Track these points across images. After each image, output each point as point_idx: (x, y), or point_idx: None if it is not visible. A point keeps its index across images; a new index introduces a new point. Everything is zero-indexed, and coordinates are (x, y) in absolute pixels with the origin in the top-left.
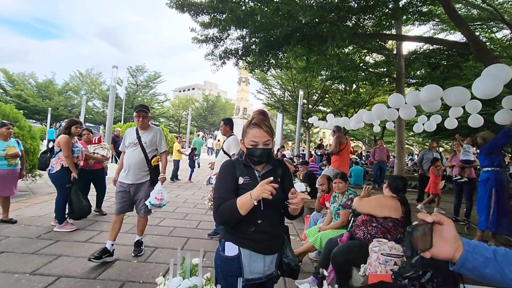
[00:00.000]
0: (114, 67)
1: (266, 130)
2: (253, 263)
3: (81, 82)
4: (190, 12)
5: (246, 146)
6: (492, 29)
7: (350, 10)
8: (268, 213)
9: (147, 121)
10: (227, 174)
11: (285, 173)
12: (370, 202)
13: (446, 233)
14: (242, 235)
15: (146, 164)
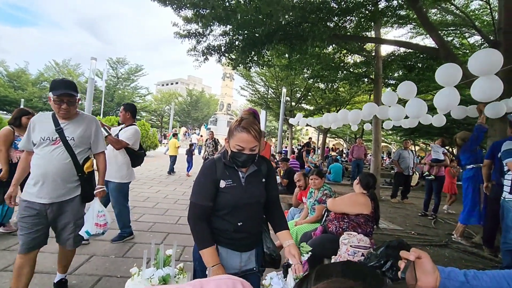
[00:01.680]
0: (93, 58)
1: (254, 135)
2: (229, 259)
3: (58, 73)
4: (173, 6)
5: (231, 148)
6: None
7: (331, 11)
8: (249, 215)
9: (73, 108)
10: (206, 178)
11: (269, 171)
12: (344, 200)
13: (426, 266)
14: (221, 233)
15: (75, 171)
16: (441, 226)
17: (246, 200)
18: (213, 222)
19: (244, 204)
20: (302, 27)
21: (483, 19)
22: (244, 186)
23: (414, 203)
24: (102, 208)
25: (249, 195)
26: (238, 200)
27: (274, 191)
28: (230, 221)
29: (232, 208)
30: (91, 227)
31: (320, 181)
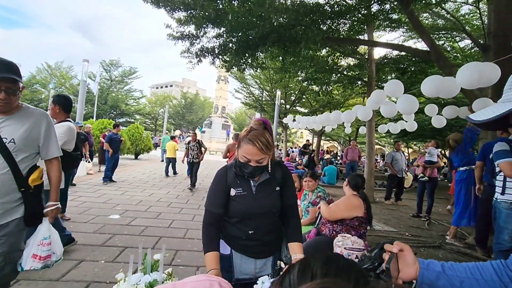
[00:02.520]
0: (85, 60)
1: (259, 148)
2: (244, 264)
3: (50, 75)
4: (166, 8)
5: (239, 158)
6: (455, 38)
7: (324, 14)
8: (261, 223)
9: (15, 99)
10: (217, 186)
11: (285, 178)
12: (339, 206)
13: (408, 258)
14: (235, 240)
15: (16, 184)
16: (435, 228)
17: (257, 209)
18: (227, 229)
19: (255, 213)
20: (295, 30)
21: (473, 24)
22: (255, 195)
23: (408, 205)
24: (49, 234)
25: (259, 204)
26: (249, 209)
27: (290, 200)
28: (242, 229)
29: (242, 216)
30: (28, 260)
31: (314, 183)
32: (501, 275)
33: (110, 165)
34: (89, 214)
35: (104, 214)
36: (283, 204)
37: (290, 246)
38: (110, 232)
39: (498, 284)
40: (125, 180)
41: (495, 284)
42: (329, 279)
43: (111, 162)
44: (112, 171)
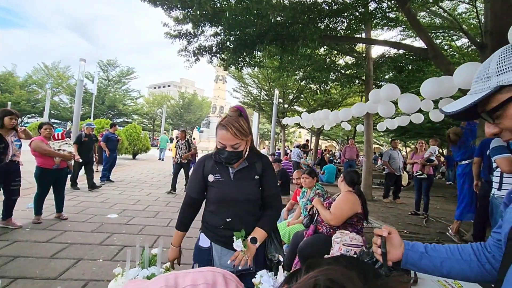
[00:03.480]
0: (82, 60)
1: (233, 133)
2: (223, 257)
3: (47, 75)
4: (163, 6)
5: (216, 144)
6: (453, 37)
7: (321, 12)
8: (238, 211)
9: None
10: (196, 172)
11: (265, 169)
12: (342, 209)
13: (394, 240)
14: (213, 229)
15: None
16: (433, 225)
17: (234, 195)
18: (206, 218)
19: (232, 200)
20: (293, 28)
21: (470, 22)
22: (233, 181)
23: (406, 203)
24: None
25: (237, 191)
26: (226, 195)
27: (270, 190)
28: (219, 217)
29: (219, 202)
30: None
31: (311, 180)
32: (479, 255)
33: (107, 164)
34: (87, 214)
35: (102, 213)
36: (263, 195)
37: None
38: (108, 231)
39: (476, 264)
40: (122, 179)
41: (473, 264)
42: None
43: (108, 161)
44: (109, 170)
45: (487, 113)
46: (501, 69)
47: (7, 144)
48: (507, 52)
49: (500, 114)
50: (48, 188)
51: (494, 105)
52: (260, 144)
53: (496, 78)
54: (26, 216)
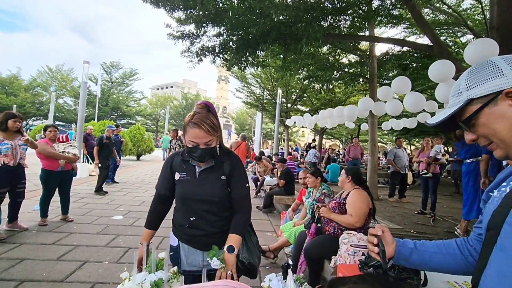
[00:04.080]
0: (86, 62)
1: (206, 130)
2: (191, 256)
3: (51, 78)
4: (166, 7)
5: (186, 143)
6: (457, 34)
7: (325, 11)
8: (202, 211)
9: None
10: (164, 169)
11: (234, 169)
12: (361, 207)
13: (387, 238)
14: (179, 228)
15: None
16: (440, 224)
17: (197, 195)
18: (174, 216)
19: (196, 200)
20: (296, 27)
21: (475, 18)
22: (198, 180)
23: (412, 202)
24: None
25: (201, 190)
26: (189, 193)
27: (238, 193)
28: (184, 216)
29: (183, 200)
30: None
31: (314, 179)
32: (462, 249)
33: (111, 166)
34: (92, 215)
35: (107, 215)
36: (231, 196)
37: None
38: (114, 233)
39: (460, 257)
40: (127, 181)
41: (458, 257)
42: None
43: (112, 163)
44: (114, 172)
45: (463, 123)
46: (469, 85)
47: None
48: (473, 71)
49: (474, 123)
50: (53, 189)
51: (467, 116)
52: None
53: (466, 93)
54: (32, 219)
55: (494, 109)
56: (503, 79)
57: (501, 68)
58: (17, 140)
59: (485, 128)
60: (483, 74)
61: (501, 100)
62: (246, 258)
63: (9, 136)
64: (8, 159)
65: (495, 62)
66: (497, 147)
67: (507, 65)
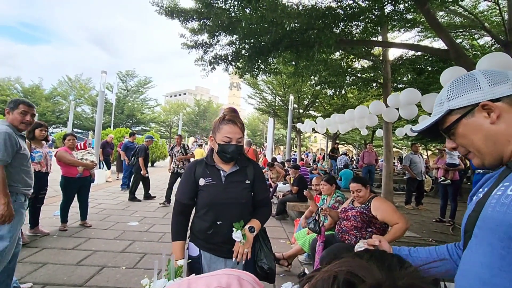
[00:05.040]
0: (103, 72)
1: (240, 127)
2: (213, 264)
3: (70, 87)
4: (180, 18)
5: (218, 142)
6: (474, 36)
7: (336, 17)
8: (228, 214)
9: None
10: (186, 178)
11: (256, 174)
12: (393, 210)
13: (384, 247)
14: (200, 236)
15: None
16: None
17: (225, 198)
18: (195, 224)
19: (223, 203)
20: (308, 34)
21: (493, 20)
22: (224, 185)
23: (429, 209)
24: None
25: (228, 194)
26: (216, 197)
27: (262, 195)
28: (208, 220)
29: (210, 205)
30: None
31: (329, 187)
32: (452, 253)
33: (127, 172)
34: (109, 221)
35: (124, 221)
36: (254, 199)
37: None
38: (130, 238)
39: (449, 261)
40: (142, 187)
41: (447, 262)
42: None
43: (128, 169)
44: (129, 178)
45: (444, 131)
46: (450, 96)
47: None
48: (455, 83)
49: (453, 132)
50: (73, 196)
51: (447, 125)
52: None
53: (447, 104)
54: (53, 224)
55: (471, 120)
56: (480, 92)
57: (479, 81)
58: (45, 148)
59: (463, 138)
60: (462, 86)
61: (478, 112)
62: (266, 264)
63: (37, 144)
64: (40, 166)
65: (474, 75)
66: (474, 156)
67: (485, 79)
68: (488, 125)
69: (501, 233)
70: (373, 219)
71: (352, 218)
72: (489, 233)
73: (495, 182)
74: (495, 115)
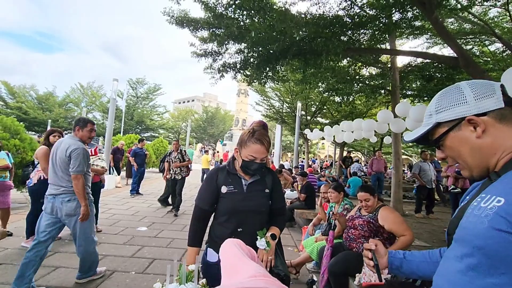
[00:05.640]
0: (115, 80)
1: (266, 147)
2: None
3: (82, 94)
4: (190, 27)
5: (242, 157)
6: (485, 42)
7: (344, 26)
8: (249, 221)
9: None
10: (208, 184)
11: (274, 183)
12: (401, 220)
13: (380, 251)
14: (220, 242)
15: None
16: None
17: (246, 206)
18: (215, 230)
19: (244, 211)
20: (316, 42)
21: (503, 26)
22: (246, 193)
23: (440, 218)
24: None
25: (249, 202)
26: (238, 205)
27: (279, 203)
28: (229, 227)
29: (231, 213)
30: None
31: (337, 194)
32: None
33: (136, 178)
34: (119, 226)
35: (133, 226)
36: (272, 207)
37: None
38: (139, 243)
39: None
40: (151, 192)
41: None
42: None
43: (137, 175)
44: (138, 184)
45: (433, 142)
46: (438, 109)
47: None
48: (443, 95)
49: (442, 144)
50: None
51: (436, 137)
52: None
53: (435, 116)
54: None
55: (458, 133)
56: (466, 106)
57: (466, 95)
58: None
59: (451, 150)
60: (450, 100)
61: (464, 126)
62: (282, 271)
63: None
64: None
65: (461, 89)
66: (463, 167)
67: (471, 93)
68: (474, 139)
69: (470, 242)
70: (380, 229)
71: (359, 227)
72: (462, 240)
73: (477, 192)
74: (480, 129)
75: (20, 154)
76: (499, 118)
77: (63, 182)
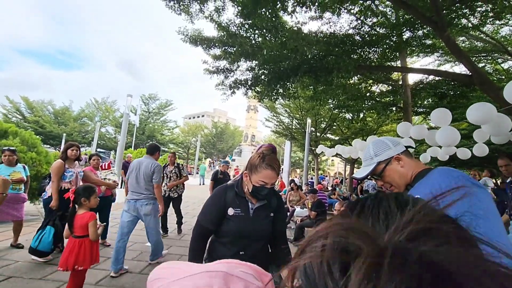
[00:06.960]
0: (129, 95)
1: (277, 172)
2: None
3: (96, 109)
4: (203, 46)
5: (253, 182)
6: (497, 60)
7: (355, 44)
8: (251, 245)
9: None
10: (215, 203)
11: (279, 206)
12: None
13: None
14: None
15: None
16: None
17: (251, 231)
18: (216, 249)
19: (248, 236)
20: (327, 60)
21: None
22: (252, 217)
23: None
24: None
25: (254, 227)
26: (243, 229)
27: (280, 226)
28: (232, 250)
29: (235, 236)
30: None
31: None
32: None
33: None
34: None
35: (141, 241)
36: (274, 229)
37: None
38: (147, 259)
39: None
40: None
41: None
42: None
43: None
44: None
45: (374, 176)
46: (376, 153)
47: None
48: (376, 144)
49: (382, 175)
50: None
51: (378, 172)
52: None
53: (375, 158)
54: None
55: (391, 167)
56: (392, 150)
57: (389, 144)
58: (76, 167)
59: (388, 178)
60: (381, 147)
61: (394, 161)
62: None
63: (69, 164)
64: (70, 185)
65: (384, 141)
66: (394, 188)
67: (391, 143)
68: (400, 169)
69: None
70: None
71: None
72: None
73: None
74: (402, 162)
75: (35, 167)
76: (405, 155)
77: (143, 190)
